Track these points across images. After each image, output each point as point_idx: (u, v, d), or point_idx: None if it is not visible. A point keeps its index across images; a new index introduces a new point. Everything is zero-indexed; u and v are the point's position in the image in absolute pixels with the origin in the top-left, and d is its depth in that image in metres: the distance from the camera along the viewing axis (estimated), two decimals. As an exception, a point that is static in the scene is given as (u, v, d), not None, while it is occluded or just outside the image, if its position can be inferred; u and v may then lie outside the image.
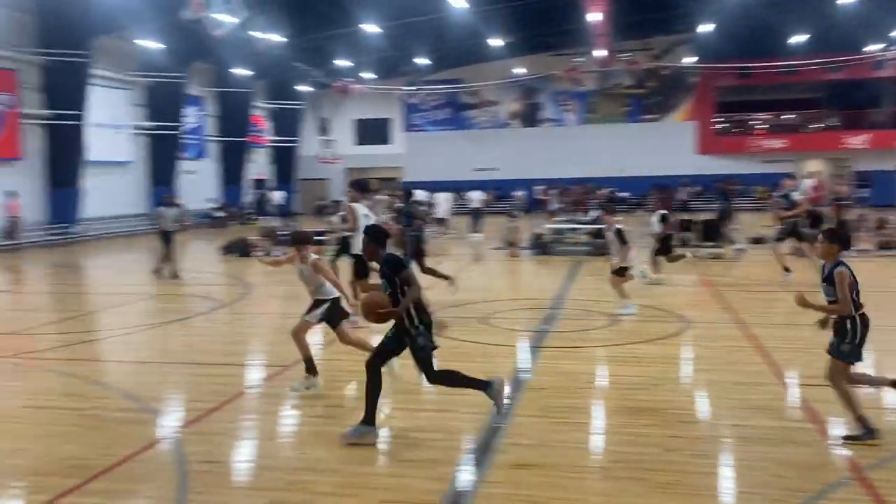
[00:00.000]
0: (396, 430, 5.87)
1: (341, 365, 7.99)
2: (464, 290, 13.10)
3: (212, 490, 4.79)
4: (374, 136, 44.25)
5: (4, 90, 24.73)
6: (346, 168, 43.13)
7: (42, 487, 4.82)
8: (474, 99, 42.76)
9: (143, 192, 32.63)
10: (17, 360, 8.58)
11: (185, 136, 34.19)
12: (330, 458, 5.26)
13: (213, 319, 11.42)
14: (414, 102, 42.89)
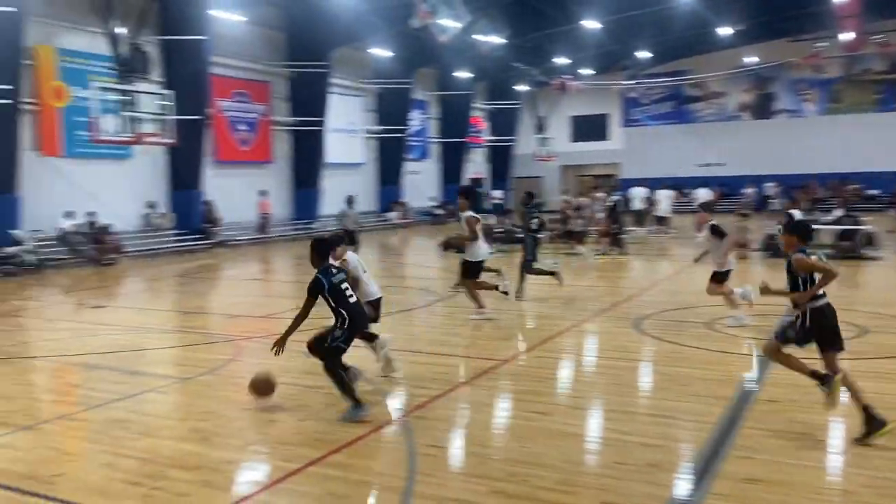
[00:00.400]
0: (616, 434, 5.78)
1: (551, 363, 8.03)
2: (687, 293, 12.57)
3: (437, 473, 5.06)
4: (590, 132, 43.71)
5: (260, 101, 27.79)
6: (560, 165, 43.09)
7: (293, 456, 5.38)
8: (699, 91, 40.68)
9: (373, 192, 35.03)
10: (270, 341, 9.61)
11: (411, 138, 36.12)
12: (551, 453, 5.31)
13: (432, 312, 11.99)
14: (634, 97, 41.73)
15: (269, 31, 28.20)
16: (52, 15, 20.69)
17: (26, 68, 19.70)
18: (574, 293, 14.08)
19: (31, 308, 13.91)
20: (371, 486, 4.98)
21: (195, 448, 5.66)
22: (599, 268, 17.34)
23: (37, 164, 20.49)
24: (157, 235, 22.92)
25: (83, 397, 7.34)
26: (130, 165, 23.27)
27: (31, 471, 5.26)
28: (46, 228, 20.32)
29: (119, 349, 9.74)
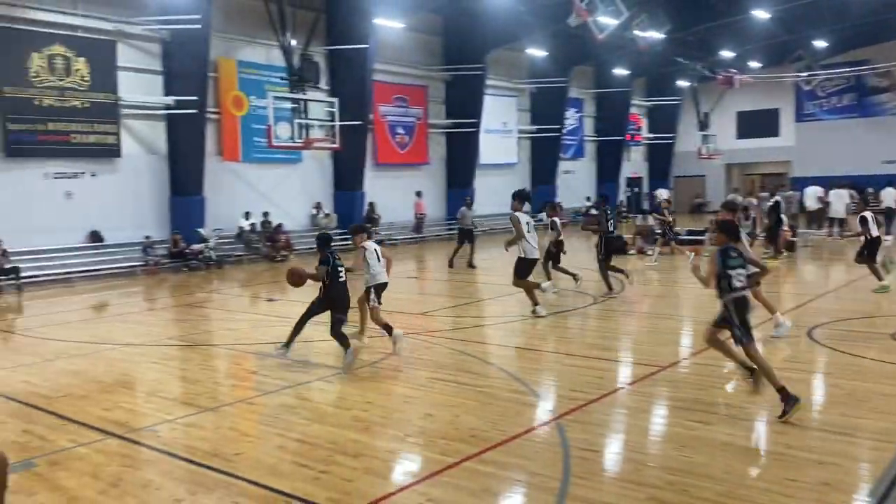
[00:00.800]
0: (785, 448, 5.45)
1: (713, 370, 7.67)
2: (865, 301, 11.58)
3: (592, 477, 5.01)
4: (758, 128, 41.13)
5: (417, 104, 28.65)
6: (725, 164, 41.00)
7: (450, 450, 5.53)
8: (885, 81, 37.16)
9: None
10: (424, 337, 9.94)
11: (565, 137, 35.76)
12: (713, 464, 5.10)
13: (586, 314, 11.82)
14: (808, 89, 38.81)
15: (427, 37, 28.99)
16: (232, 30, 22.50)
17: (210, 80, 21.57)
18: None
19: (213, 300, 15.20)
20: (526, 485, 5.01)
21: (358, 436, 5.96)
22: (774, 272, 16.31)
23: (218, 168, 22.35)
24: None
25: (259, 383, 7.93)
26: (300, 169, 24.82)
27: (215, 449, 5.77)
28: (226, 227, 22.13)
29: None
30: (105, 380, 8.21)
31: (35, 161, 18.60)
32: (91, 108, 19.24)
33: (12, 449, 5.73)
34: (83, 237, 19.67)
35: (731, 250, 6.38)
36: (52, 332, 11.36)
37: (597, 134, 39.39)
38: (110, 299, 15.75)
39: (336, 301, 8.57)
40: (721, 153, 38.06)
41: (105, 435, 6.21)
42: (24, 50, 18.08)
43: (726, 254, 6.36)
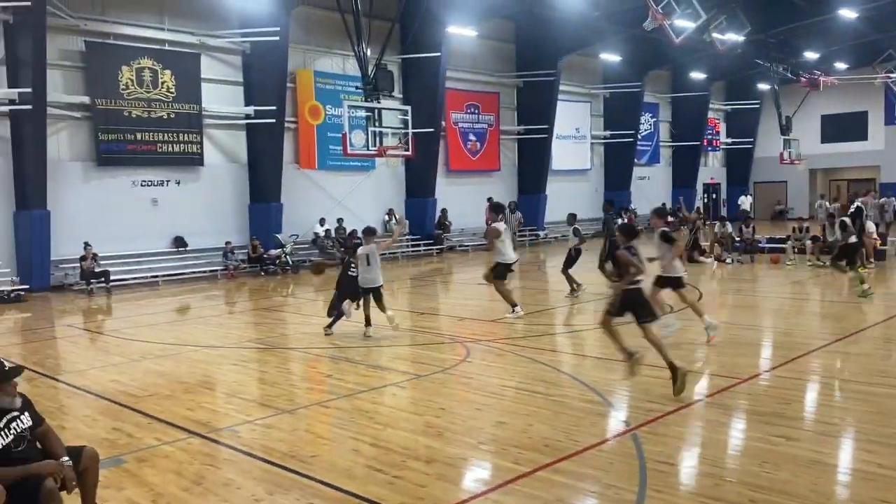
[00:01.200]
0: (876, 467, 5.18)
1: (797, 384, 7.39)
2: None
3: (670, 491, 4.89)
4: (845, 132, 39.39)
5: (489, 111, 28.68)
6: (809, 169, 39.47)
7: (522, 459, 5.50)
8: (984, 81, 35.07)
9: (599, 198, 34.53)
10: (497, 345, 9.92)
11: (640, 142, 35.12)
12: (796, 481, 4.91)
13: (662, 325, 11.52)
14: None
15: (500, 44, 29.01)
16: (309, 42, 23.10)
17: (288, 90, 22.17)
18: (826, 309, 12.86)
19: (290, 304, 15.58)
20: (600, 497, 4.93)
21: (430, 442, 6.00)
22: (855, 282, 15.61)
23: (295, 175, 22.94)
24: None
25: (333, 386, 8.08)
26: (373, 176, 25.22)
27: (292, 450, 5.90)
28: (301, 233, 22.66)
29: (363, 344, 10.59)
30: (188, 380, 8.52)
31: (124, 170, 19.52)
32: (176, 118, 20.07)
33: (103, 445, 6.00)
34: (168, 242, 20.50)
35: (632, 248, 7.45)
36: (139, 334, 11.87)
37: (673, 139, 38.57)
38: (193, 302, 16.35)
39: (346, 287, 10.94)
40: (804, 158, 36.62)
41: (188, 434, 6.44)
42: (116, 64, 19.01)
43: (629, 251, 7.42)
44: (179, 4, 20.36)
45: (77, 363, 9.89)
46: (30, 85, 16.81)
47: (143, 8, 19.75)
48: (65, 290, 18.07)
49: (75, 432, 6.55)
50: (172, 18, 20.25)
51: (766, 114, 39.80)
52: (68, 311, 15.28)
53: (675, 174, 38.92)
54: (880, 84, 34.98)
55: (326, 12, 22.29)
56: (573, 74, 31.69)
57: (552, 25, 26.89)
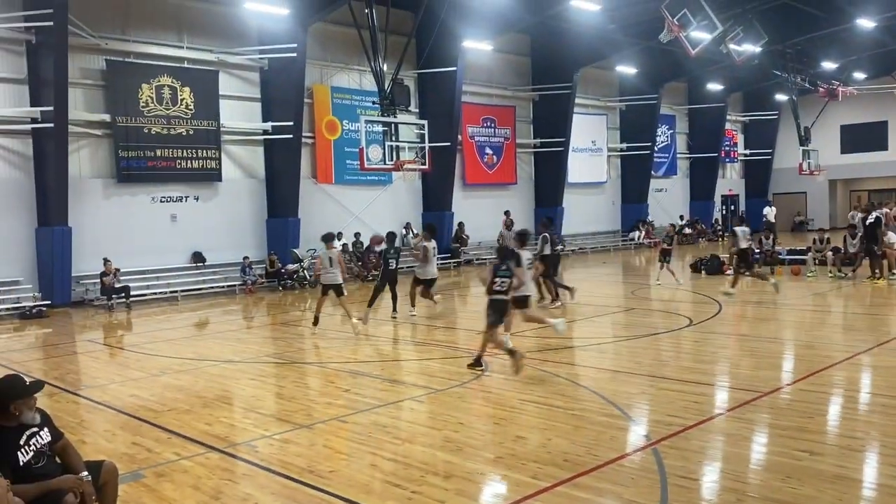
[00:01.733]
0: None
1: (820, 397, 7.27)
2: None
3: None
4: (865, 142, 39.06)
5: (505, 125, 28.74)
6: (829, 179, 39.12)
7: (542, 474, 5.45)
8: None
9: (616, 210, 34.47)
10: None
11: (656, 154, 35.01)
12: (821, 497, 4.82)
13: (682, 336, 11.45)
14: (920, 100, 36.59)
15: (516, 57, 29.10)
16: (326, 57, 23.30)
17: (306, 106, 22.35)
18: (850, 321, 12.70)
19: (307, 318, 15.61)
20: (620, 513, 4.87)
21: (449, 457, 5.96)
22: (877, 294, 15.42)
23: (313, 190, 23.07)
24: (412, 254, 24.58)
25: (351, 401, 8.06)
26: (390, 190, 25.31)
27: (310, 465, 5.89)
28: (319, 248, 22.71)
29: (381, 359, 10.60)
30: (207, 395, 8.55)
31: (143, 186, 19.73)
32: (195, 134, 20.28)
33: (122, 460, 6.03)
34: (187, 258, 20.65)
35: (502, 265, 9.21)
36: (158, 349, 11.94)
37: (690, 151, 38.40)
38: (211, 317, 16.44)
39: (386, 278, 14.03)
40: (824, 169, 36.34)
41: (207, 448, 6.45)
42: (136, 82, 19.27)
43: (498, 267, 9.15)
44: (198, 22, 20.63)
45: (97, 378, 9.96)
46: (52, 103, 17.07)
47: (163, 26, 20.03)
48: (85, 305, 18.25)
49: (95, 447, 6.59)
50: (191, 36, 20.52)
51: (784, 124, 39.56)
52: (89, 327, 15.42)
53: (692, 186, 38.73)
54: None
55: (343, 28, 22.49)
56: (589, 87, 31.70)
57: (567, 39, 26.95)
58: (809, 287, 16.71)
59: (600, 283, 20.67)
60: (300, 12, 20.12)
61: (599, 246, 32.15)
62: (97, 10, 18.79)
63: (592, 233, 32.83)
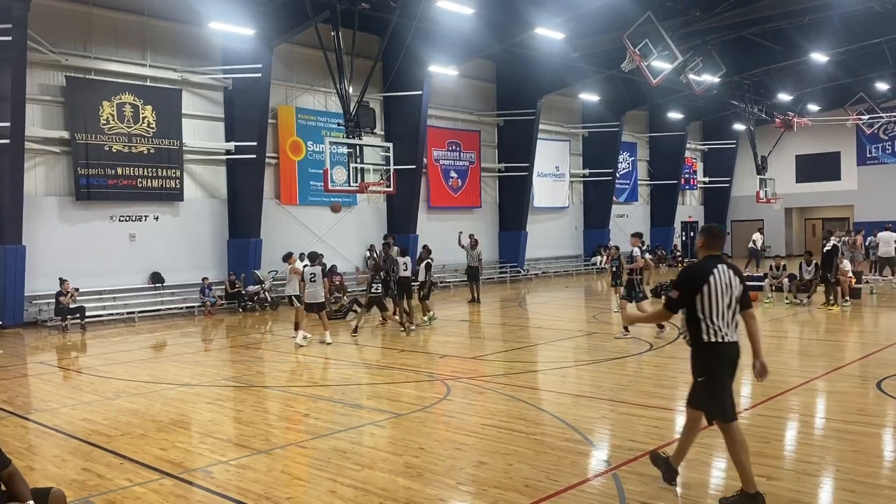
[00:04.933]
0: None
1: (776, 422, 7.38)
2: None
3: (651, 532, 4.82)
4: (819, 172, 40.24)
5: (470, 149, 28.94)
6: (785, 208, 40.06)
7: (502, 500, 5.41)
8: (951, 123, 36.03)
9: (577, 235, 34.85)
10: (478, 383, 9.84)
11: (618, 181, 35.54)
12: (777, 523, 4.87)
13: (643, 361, 11.56)
14: (870, 132, 37.86)
15: (481, 83, 29.41)
16: (291, 79, 23.26)
17: (270, 126, 22.24)
18: (804, 347, 12.95)
19: (267, 341, 15.40)
20: (581, 539, 4.85)
21: (410, 483, 5.89)
22: (831, 320, 15.78)
23: (275, 211, 22.88)
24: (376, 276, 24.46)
25: (311, 426, 7.94)
26: (355, 212, 25.23)
27: (268, 491, 5.77)
28: (281, 269, 22.49)
29: (342, 383, 10.48)
30: (162, 419, 8.34)
31: (102, 204, 19.36)
32: (156, 153, 20.01)
33: (71, 487, 5.84)
34: (145, 278, 20.27)
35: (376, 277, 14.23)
36: (113, 371, 11.65)
37: (651, 178, 39.08)
38: (169, 339, 16.11)
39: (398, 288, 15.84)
40: (780, 197, 37.25)
41: (161, 475, 6.28)
42: (97, 99, 18.98)
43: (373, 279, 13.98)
44: (162, 41, 20.45)
45: (48, 401, 9.66)
46: (8, 119, 16.71)
47: (126, 44, 19.81)
48: (38, 326, 17.75)
49: (44, 473, 6.37)
50: (154, 54, 20.32)
51: (742, 153, 40.53)
52: (41, 348, 14.99)
53: (653, 212, 39.38)
54: (852, 125, 35.84)
55: (309, 50, 22.51)
56: (552, 114, 32.14)
57: (532, 66, 27.34)
58: (766, 313, 17.03)
59: (562, 307, 20.80)
60: (265, 33, 20.10)
61: (562, 270, 32.43)
62: (57, 26, 18.52)
63: (555, 257, 33.10)
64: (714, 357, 5.25)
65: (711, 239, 5.47)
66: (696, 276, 5.27)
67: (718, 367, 5.24)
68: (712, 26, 22.64)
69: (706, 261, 5.37)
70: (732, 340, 5.25)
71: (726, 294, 5.23)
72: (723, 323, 5.21)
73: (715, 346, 5.22)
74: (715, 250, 5.45)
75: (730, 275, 5.29)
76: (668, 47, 19.55)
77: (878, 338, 13.62)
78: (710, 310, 5.21)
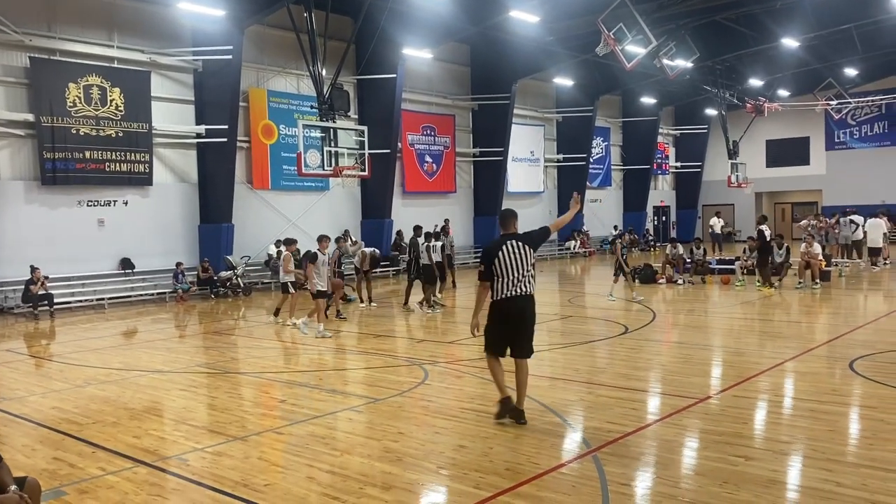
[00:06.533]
0: (832, 485, 5.21)
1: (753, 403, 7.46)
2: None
3: (632, 514, 4.83)
4: (789, 156, 40.81)
5: (445, 133, 28.80)
6: (756, 192, 40.56)
7: (483, 484, 5.38)
8: (918, 109, 36.71)
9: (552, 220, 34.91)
10: (456, 367, 9.81)
11: (592, 165, 35.67)
12: (757, 502, 4.90)
13: (618, 344, 11.62)
14: (839, 118, 38.42)
15: (456, 67, 29.23)
16: (263, 61, 22.90)
17: (241, 109, 21.88)
18: (776, 329, 13.11)
19: (241, 327, 15.23)
20: (562, 521, 4.85)
21: (388, 468, 5.84)
22: (802, 302, 16.01)
23: (248, 195, 22.58)
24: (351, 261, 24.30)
25: (288, 412, 7.85)
26: (328, 197, 24.99)
27: (244, 478, 5.68)
28: (254, 254, 22.26)
29: (318, 368, 10.39)
30: (135, 407, 8.20)
31: (69, 189, 18.95)
32: (125, 137, 19.61)
33: (42, 477, 5.70)
34: (115, 264, 19.92)
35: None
36: (84, 358, 11.43)
37: (624, 163, 39.28)
38: (140, 326, 15.86)
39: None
40: (751, 182, 37.70)
41: (134, 463, 6.16)
42: (63, 81, 18.51)
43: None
44: (129, 21, 19.98)
45: (17, 390, 9.44)
46: (-30, 101, 16.26)
47: (92, 24, 19.32)
48: (4, 313, 17.37)
49: (13, 463, 6.18)
50: (122, 35, 19.86)
51: (714, 138, 40.88)
52: (8, 336, 14.66)
53: (626, 197, 39.61)
54: (821, 111, 36.32)
55: (281, 31, 22.16)
56: (527, 98, 32.09)
57: (507, 50, 27.23)
58: (738, 296, 17.22)
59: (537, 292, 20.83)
60: (236, 14, 19.72)
61: (537, 255, 32.47)
62: (21, 6, 18.00)
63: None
64: (497, 310, 6.84)
65: (503, 221, 7.15)
66: (490, 252, 6.83)
67: (499, 316, 6.83)
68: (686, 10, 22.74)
69: (499, 239, 6.95)
70: (518, 294, 6.78)
71: (518, 261, 6.79)
72: (511, 284, 6.75)
73: (500, 302, 6.79)
74: (507, 230, 7.05)
75: (519, 246, 6.85)
76: (643, 31, 19.57)
77: (847, 319, 13.84)
78: (501, 274, 6.76)
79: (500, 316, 6.82)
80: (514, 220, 7.15)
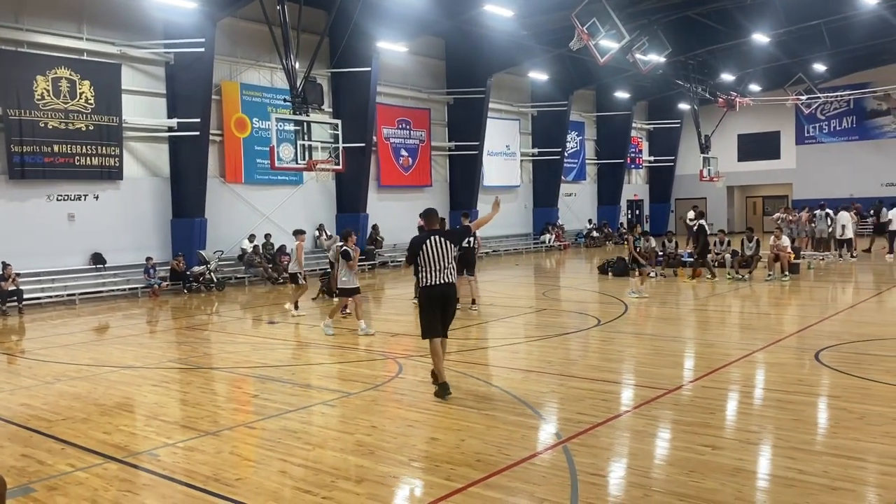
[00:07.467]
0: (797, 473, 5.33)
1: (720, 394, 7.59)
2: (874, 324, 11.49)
3: (601, 503, 4.90)
4: (760, 151, 41.37)
5: (420, 127, 28.77)
6: (727, 186, 41.04)
7: (455, 475, 5.43)
8: (884, 105, 37.37)
9: (527, 214, 35.11)
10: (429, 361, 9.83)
11: (566, 160, 35.85)
12: (723, 490, 4.99)
13: (590, 336, 11.74)
14: (809, 112, 38.98)
15: (431, 60, 29.20)
16: (236, 53, 22.69)
17: (213, 103, 21.68)
18: (745, 321, 13.31)
19: (214, 322, 15.13)
20: (532, 511, 4.91)
21: (361, 461, 5.87)
22: (771, 294, 16.27)
23: (221, 190, 22.40)
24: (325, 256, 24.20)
25: (260, 407, 7.84)
26: (302, 191, 24.86)
27: (216, 473, 5.67)
28: (227, 249, 22.10)
29: (292, 363, 10.36)
30: (105, 403, 8.12)
31: (38, 183, 18.65)
32: (95, 130, 19.33)
33: (10, 474, 5.64)
34: (85, 259, 19.66)
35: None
36: (53, 355, 11.29)
37: (598, 157, 39.53)
38: (111, 321, 15.69)
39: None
40: (722, 175, 38.15)
41: (105, 459, 6.11)
42: (30, 73, 18.19)
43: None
44: (99, 13, 19.68)
45: (-17, 387, 9.31)
46: (-66, 93, 15.92)
47: (61, 15, 19.01)
48: (-29, 309, 17.07)
49: (-21, 461, 6.13)
50: (92, 27, 19.56)
51: (686, 133, 41.29)
52: (-25, 332, 14.43)
53: (600, 191, 39.89)
54: (791, 106, 36.81)
55: (253, 24, 21.97)
56: (502, 92, 32.16)
57: (482, 44, 27.25)
58: (708, 289, 17.45)
59: (512, 285, 20.96)
60: (208, 6, 19.52)
61: (512, 248, 32.66)
62: (-14, -4, 17.66)
63: (505, 235, 33.28)
64: (425, 296, 7.87)
65: (426, 219, 8.20)
66: (416, 244, 7.88)
67: (427, 302, 7.86)
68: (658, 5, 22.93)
69: (423, 234, 8.03)
70: (441, 283, 7.76)
71: (440, 253, 7.76)
72: (435, 273, 7.74)
73: (426, 289, 7.82)
74: (431, 226, 8.10)
75: (441, 241, 7.84)
76: (616, 26, 19.70)
77: (814, 311, 14.09)
78: (425, 265, 7.74)
79: (429, 301, 7.82)
80: (438, 218, 8.31)
